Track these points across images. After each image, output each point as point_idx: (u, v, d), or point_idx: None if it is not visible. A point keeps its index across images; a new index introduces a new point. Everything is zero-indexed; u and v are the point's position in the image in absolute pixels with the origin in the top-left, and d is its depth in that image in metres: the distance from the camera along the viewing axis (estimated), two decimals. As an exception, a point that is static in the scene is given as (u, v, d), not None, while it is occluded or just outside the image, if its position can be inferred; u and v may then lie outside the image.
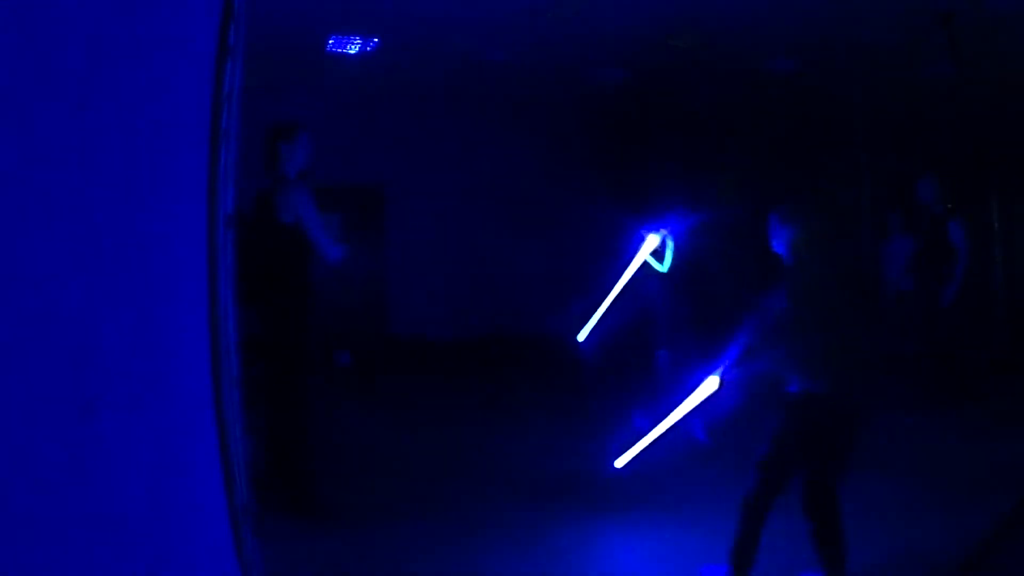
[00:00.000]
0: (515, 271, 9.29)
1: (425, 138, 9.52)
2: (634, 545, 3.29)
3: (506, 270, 9.38)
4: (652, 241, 5.53)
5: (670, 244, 5.69)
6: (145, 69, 1.50)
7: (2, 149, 1.12)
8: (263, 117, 3.64)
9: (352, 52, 7.49)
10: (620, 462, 3.53)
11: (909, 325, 6.39)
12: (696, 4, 6.52)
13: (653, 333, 5.98)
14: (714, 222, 5.82)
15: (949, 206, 5.98)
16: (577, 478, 4.14)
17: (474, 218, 9.70)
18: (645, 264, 5.58)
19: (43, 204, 1.22)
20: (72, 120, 1.29)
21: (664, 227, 5.61)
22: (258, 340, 3.67)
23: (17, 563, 1.13)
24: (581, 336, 5.74)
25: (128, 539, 1.44)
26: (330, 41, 7.15)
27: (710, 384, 2.73)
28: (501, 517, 3.59)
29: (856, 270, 3.01)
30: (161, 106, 1.58)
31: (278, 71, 7.80)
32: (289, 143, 3.66)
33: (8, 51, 1.12)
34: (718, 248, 5.91)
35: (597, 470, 3.88)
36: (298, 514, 3.46)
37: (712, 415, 3.62)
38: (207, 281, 1.76)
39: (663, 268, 5.70)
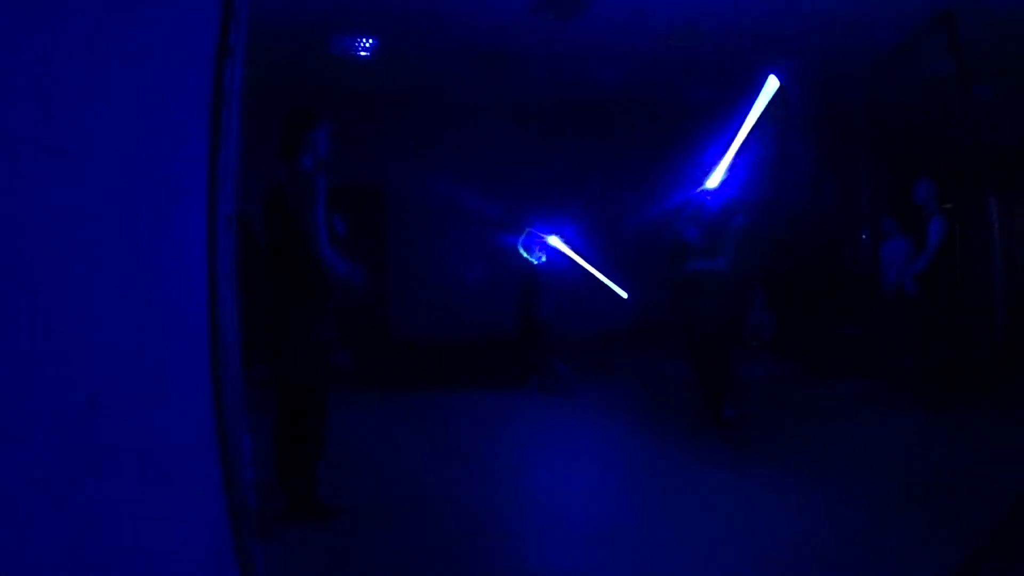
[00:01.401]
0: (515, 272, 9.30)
1: (426, 138, 9.52)
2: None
3: (507, 270, 9.39)
4: (526, 241, 7.52)
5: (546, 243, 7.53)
6: (145, 69, 1.50)
7: (1, 149, 1.12)
8: (264, 117, 3.59)
9: (352, 52, 7.49)
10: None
11: (907, 325, 6.40)
12: (696, 7, 6.53)
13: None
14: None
15: (947, 206, 5.98)
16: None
17: (474, 219, 9.71)
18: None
19: (42, 204, 1.22)
20: (71, 120, 1.29)
21: (539, 230, 7.58)
22: (267, 340, 3.59)
23: (16, 563, 1.13)
24: None
25: (128, 539, 1.44)
26: (331, 41, 7.16)
27: None
28: (501, 516, 3.59)
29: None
30: (161, 106, 1.58)
31: (279, 71, 7.80)
32: (313, 131, 3.44)
33: (7, 51, 1.12)
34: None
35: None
36: (298, 515, 3.45)
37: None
38: (207, 281, 1.76)
39: (536, 260, 7.45)
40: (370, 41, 7.22)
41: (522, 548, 3.19)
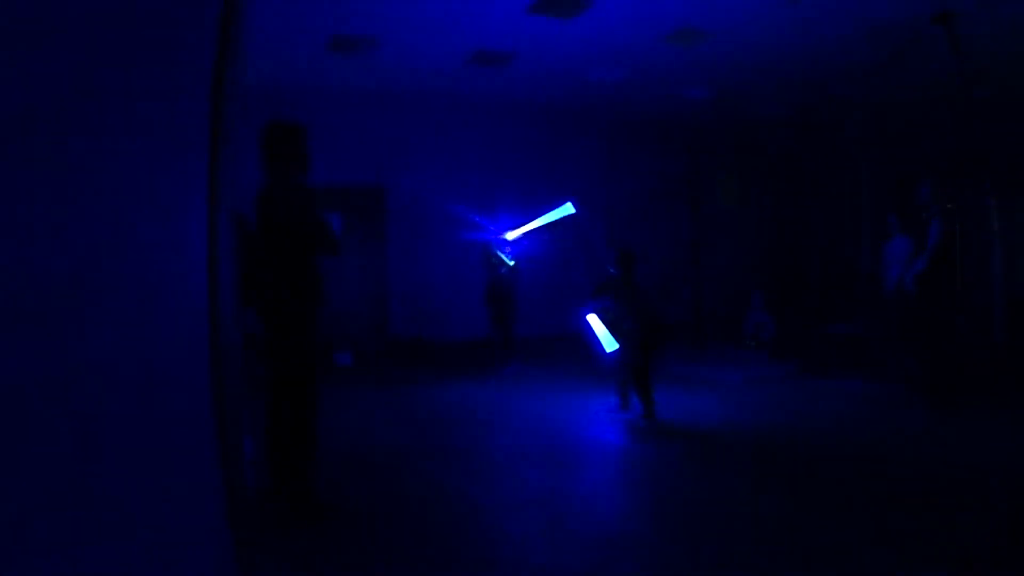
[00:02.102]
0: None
1: (426, 138, 9.52)
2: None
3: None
4: (496, 241, 8.28)
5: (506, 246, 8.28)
6: (145, 69, 1.50)
7: (1, 149, 1.12)
8: (264, 117, 3.63)
9: (352, 52, 7.49)
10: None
11: (908, 325, 6.40)
12: (696, 8, 6.52)
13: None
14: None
15: (949, 206, 5.99)
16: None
17: (470, 220, 9.71)
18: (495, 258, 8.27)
19: (42, 204, 1.22)
20: (71, 120, 1.29)
21: (501, 233, 8.29)
22: (263, 342, 3.63)
23: (15, 564, 1.13)
24: None
25: (127, 539, 1.44)
26: (331, 41, 7.15)
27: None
28: (500, 514, 3.59)
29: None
30: (161, 106, 1.58)
31: (279, 71, 7.80)
32: (290, 142, 3.58)
33: (7, 50, 1.12)
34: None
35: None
36: (298, 516, 3.45)
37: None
38: (207, 281, 1.76)
39: (509, 263, 8.26)
40: (370, 41, 7.22)
41: (521, 546, 3.19)
